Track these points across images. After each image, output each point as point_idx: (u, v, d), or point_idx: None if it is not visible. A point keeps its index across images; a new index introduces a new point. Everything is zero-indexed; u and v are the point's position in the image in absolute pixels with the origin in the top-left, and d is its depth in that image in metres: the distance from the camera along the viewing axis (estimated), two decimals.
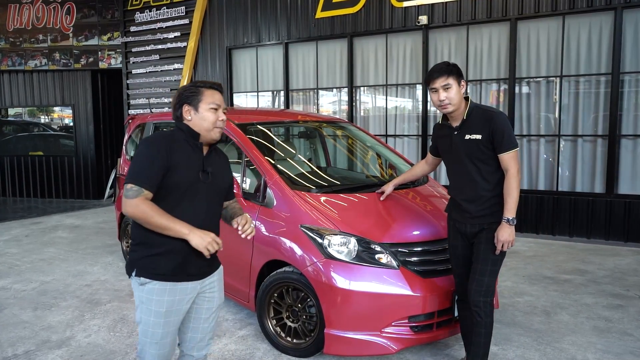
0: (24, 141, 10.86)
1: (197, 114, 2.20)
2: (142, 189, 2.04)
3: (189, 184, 2.14)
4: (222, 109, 2.24)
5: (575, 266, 5.28)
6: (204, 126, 2.19)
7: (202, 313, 2.29)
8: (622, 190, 6.21)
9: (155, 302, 2.12)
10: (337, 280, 3.04)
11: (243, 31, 8.72)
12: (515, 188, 2.73)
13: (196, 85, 2.24)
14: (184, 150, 2.15)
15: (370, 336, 3.02)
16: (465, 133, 2.82)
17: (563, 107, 6.46)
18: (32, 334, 3.78)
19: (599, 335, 3.65)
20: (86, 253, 6.10)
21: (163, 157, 2.07)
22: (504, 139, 2.71)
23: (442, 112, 2.90)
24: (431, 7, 7.02)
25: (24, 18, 10.38)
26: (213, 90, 2.24)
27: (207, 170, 2.20)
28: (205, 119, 2.19)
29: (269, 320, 3.48)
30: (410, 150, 7.55)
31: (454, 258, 3.02)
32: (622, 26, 5.99)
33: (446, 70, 2.79)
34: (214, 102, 2.20)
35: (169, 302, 2.13)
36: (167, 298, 2.12)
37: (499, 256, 2.82)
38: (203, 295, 2.27)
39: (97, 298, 4.53)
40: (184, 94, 2.23)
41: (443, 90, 2.78)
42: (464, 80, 2.84)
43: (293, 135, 5.46)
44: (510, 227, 2.72)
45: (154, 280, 2.11)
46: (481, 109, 2.84)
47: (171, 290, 2.13)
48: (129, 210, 2.04)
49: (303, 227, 3.25)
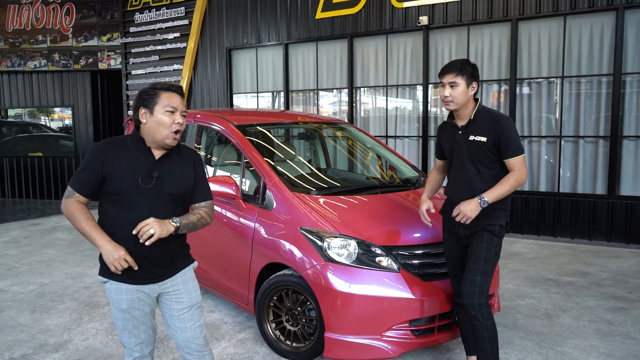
0: (23, 142, 10.83)
1: (152, 117, 2.14)
2: (74, 192, 2.13)
3: (128, 189, 2.11)
4: (179, 112, 2.17)
5: (577, 268, 5.24)
6: (158, 130, 2.14)
7: (174, 312, 2.30)
8: (624, 191, 6.17)
9: (115, 299, 2.20)
10: (337, 284, 3.00)
11: (243, 32, 8.69)
12: (511, 184, 2.69)
13: (155, 88, 2.19)
14: (128, 156, 2.15)
15: (370, 340, 2.99)
16: (470, 134, 2.79)
17: (564, 108, 6.43)
18: (29, 337, 3.75)
19: (601, 338, 3.61)
20: (85, 255, 6.06)
21: (99, 165, 2.10)
22: (511, 144, 2.68)
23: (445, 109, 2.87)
24: (432, 8, 6.99)
25: (24, 19, 10.35)
26: (170, 93, 2.17)
27: (153, 175, 2.14)
28: (160, 122, 2.13)
29: (269, 324, 3.44)
30: (410, 152, 7.51)
31: (449, 261, 3.00)
32: (624, 26, 5.95)
33: (457, 68, 2.76)
34: (170, 105, 2.15)
35: (128, 300, 2.19)
36: (125, 296, 2.19)
37: (491, 256, 2.76)
38: (168, 297, 2.29)
39: (95, 301, 4.50)
40: (142, 96, 2.19)
41: (449, 87, 2.77)
42: (476, 82, 2.79)
43: (293, 136, 5.43)
44: (477, 206, 2.68)
45: (109, 279, 2.19)
46: (489, 112, 2.81)
47: (127, 289, 2.18)
48: (62, 209, 2.16)
49: (303, 229, 3.22)
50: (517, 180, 2.70)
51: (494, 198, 2.69)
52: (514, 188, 2.72)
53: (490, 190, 2.71)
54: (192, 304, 2.32)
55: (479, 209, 2.70)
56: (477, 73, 2.82)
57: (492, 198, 2.69)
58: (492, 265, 2.78)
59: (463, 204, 2.73)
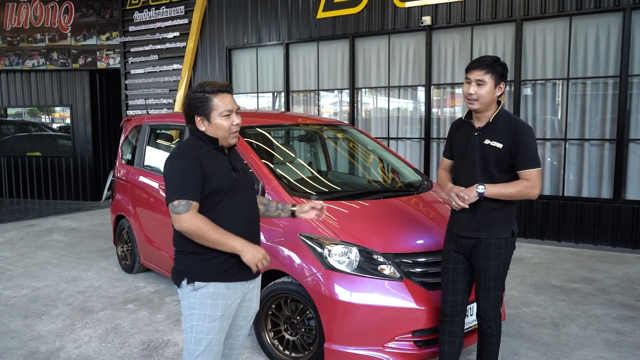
0: (21, 141, 10.73)
1: (210, 124, 2.14)
2: (190, 202, 2.04)
3: (227, 186, 2.14)
4: (235, 111, 2.17)
5: (583, 274, 5.13)
6: (219, 134, 2.16)
7: (239, 320, 2.30)
8: (630, 195, 6.06)
9: (210, 306, 2.11)
10: (338, 292, 2.90)
11: (243, 31, 8.59)
12: (517, 189, 2.53)
13: (204, 91, 2.13)
14: (210, 156, 2.15)
15: (372, 351, 2.88)
16: (486, 137, 2.61)
17: (570, 110, 6.31)
18: (20, 345, 3.64)
19: (610, 349, 3.50)
20: (81, 257, 5.96)
21: (198, 167, 2.07)
22: (528, 156, 2.52)
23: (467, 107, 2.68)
24: (435, 8, 6.88)
25: (22, 17, 10.25)
26: (222, 95, 2.14)
27: (237, 168, 2.21)
28: (219, 127, 2.14)
29: (267, 333, 3.33)
30: (412, 154, 7.40)
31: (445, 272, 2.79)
32: (631, 27, 5.84)
33: (487, 65, 2.56)
34: (225, 109, 2.13)
35: (224, 305, 2.14)
36: (222, 301, 2.14)
37: (500, 272, 2.67)
38: (242, 304, 2.28)
39: (90, 306, 4.39)
40: (193, 103, 2.14)
41: (475, 84, 2.57)
42: (504, 83, 2.61)
43: (293, 138, 5.32)
44: (475, 195, 2.55)
45: (210, 282, 2.12)
46: (510, 118, 2.64)
47: (224, 293, 2.14)
48: (184, 225, 2.04)
49: (302, 235, 3.11)
50: (525, 189, 2.53)
51: (493, 192, 2.54)
52: (520, 195, 2.55)
53: (494, 185, 2.56)
54: (256, 311, 2.38)
55: (475, 195, 2.55)
56: (507, 74, 2.64)
57: (492, 192, 2.53)
58: (503, 278, 2.70)
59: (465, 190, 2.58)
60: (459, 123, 2.85)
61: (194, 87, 2.19)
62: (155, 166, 4.84)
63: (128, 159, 5.36)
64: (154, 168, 4.82)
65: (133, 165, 5.15)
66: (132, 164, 5.20)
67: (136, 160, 5.09)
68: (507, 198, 2.57)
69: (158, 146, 5.03)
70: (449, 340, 2.80)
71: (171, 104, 9.40)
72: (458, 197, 2.59)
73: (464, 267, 2.75)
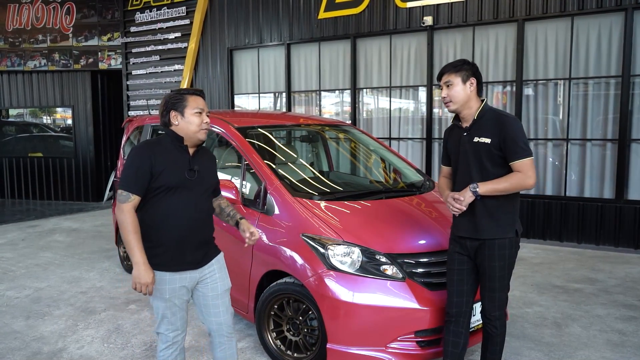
0: (23, 142, 10.74)
1: (183, 118, 2.43)
2: (130, 194, 2.32)
3: (177, 182, 2.37)
4: (205, 112, 2.47)
5: (585, 274, 5.12)
6: (190, 129, 2.42)
7: (209, 299, 2.55)
8: (632, 195, 6.05)
9: (159, 290, 2.40)
10: (340, 293, 2.90)
11: (244, 32, 8.59)
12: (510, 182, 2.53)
13: (180, 93, 2.46)
14: (169, 153, 2.40)
15: (374, 352, 2.88)
16: (475, 135, 2.64)
17: (571, 110, 6.30)
18: (22, 345, 3.64)
19: (613, 349, 3.49)
20: (82, 258, 5.96)
21: (147, 164, 2.32)
22: (518, 146, 2.53)
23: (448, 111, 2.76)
24: (436, 8, 6.88)
25: (24, 18, 10.26)
26: (196, 96, 2.47)
27: (194, 169, 2.44)
28: (191, 122, 2.43)
29: (269, 333, 3.33)
30: (414, 154, 7.40)
31: (450, 272, 2.80)
32: (633, 27, 5.83)
33: (451, 67, 2.69)
34: (197, 107, 2.44)
35: (170, 290, 2.41)
36: (168, 286, 2.41)
37: (505, 272, 2.67)
38: (204, 283, 2.53)
39: (92, 306, 4.39)
40: (170, 101, 2.45)
41: (445, 87, 2.70)
42: (473, 79, 2.66)
43: (294, 139, 5.32)
44: (470, 195, 2.56)
45: (156, 270, 2.37)
46: (495, 112, 2.67)
47: (170, 279, 2.40)
48: (117, 213, 2.34)
49: (304, 236, 3.11)
50: (519, 180, 2.53)
51: (486, 190, 2.54)
52: (514, 188, 2.54)
53: (487, 182, 2.56)
54: (226, 288, 2.61)
55: (470, 195, 2.56)
56: (475, 69, 2.69)
57: (485, 190, 2.54)
58: (508, 278, 2.71)
59: (460, 192, 2.61)
60: (451, 128, 2.89)
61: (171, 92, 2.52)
62: None
63: None
64: None
65: None
66: None
67: None
68: (502, 192, 2.56)
69: None
70: (453, 341, 2.80)
71: None
72: (454, 201, 2.61)
73: (468, 268, 2.75)
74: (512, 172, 2.57)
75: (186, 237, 2.42)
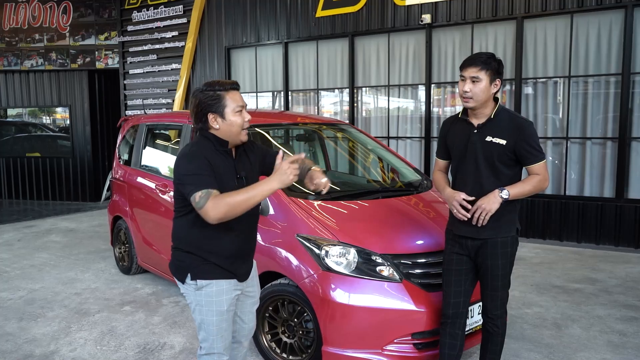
0: (21, 142, 10.69)
1: (224, 121, 2.15)
2: (209, 190, 2.03)
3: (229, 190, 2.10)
4: (245, 108, 2.20)
5: (585, 274, 5.07)
6: (233, 131, 2.16)
7: (247, 306, 2.47)
8: (632, 194, 5.99)
9: (215, 302, 2.23)
10: (336, 294, 2.85)
11: (242, 30, 8.54)
12: (534, 184, 2.53)
13: (214, 89, 2.14)
14: (218, 160, 2.15)
15: (370, 354, 2.83)
16: (487, 134, 2.57)
17: (571, 109, 6.25)
18: (14, 348, 3.59)
19: (613, 351, 3.44)
20: (78, 259, 5.91)
21: (209, 165, 2.09)
22: (535, 150, 2.52)
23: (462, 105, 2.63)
24: (435, 6, 6.82)
25: (20, 17, 10.21)
26: (233, 92, 2.17)
27: (241, 175, 2.23)
28: (233, 124, 2.15)
29: (263, 335, 3.28)
30: (413, 153, 7.34)
31: (447, 273, 2.73)
32: (633, 25, 5.77)
33: (482, 62, 2.51)
34: (238, 105, 2.16)
35: (228, 300, 2.26)
36: (225, 297, 2.25)
37: (507, 270, 2.64)
38: (246, 292, 2.43)
39: (86, 308, 4.34)
40: (206, 101, 2.13)
41: (470, 82, 2.53)
42: (499, 80, 2.56)
43: (292, 137, 5.27)
44: (496, 200, 2.50)
45: (212, 280, 2.21)
46: (510, 114, 2.61)
47: (227, 289, 2.25)
48: (213, 214, 2.01)
49: (299, 236, 3.06)
50: (539, 183, 2.54)
51: (515, 193, 2.52)
52: (536, 190, 2.56)
53: (513, 185, 2.54)
54: (258, 296, 2.57)
55: (500, 201, 2.50)
56: (502, 70, 2.59)
57: (514, 193, 2.52)
58: (509, 276, 2.69)
59: (481, 199, 2.53)
60: (452, 121, 2.78)
61: (201, 87, 2.17)
62: (152, 166, 4.79)
63: (125, 160, 5.31)
64: (151, 168, 4.77)
65: (130, 165, 5.10)
66: (129, 164, 5.15)
67: (133, 160, 5.04)
68: (526, 196, 2.59)
69: (155, 146, 4.98)
70: (450, 343, 2.75)
71: (170, 103, 9.35)
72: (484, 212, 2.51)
73: (467, 268, 2.70)
74: (529, 176, 2.57)
75: (239, 246, 2.28)
